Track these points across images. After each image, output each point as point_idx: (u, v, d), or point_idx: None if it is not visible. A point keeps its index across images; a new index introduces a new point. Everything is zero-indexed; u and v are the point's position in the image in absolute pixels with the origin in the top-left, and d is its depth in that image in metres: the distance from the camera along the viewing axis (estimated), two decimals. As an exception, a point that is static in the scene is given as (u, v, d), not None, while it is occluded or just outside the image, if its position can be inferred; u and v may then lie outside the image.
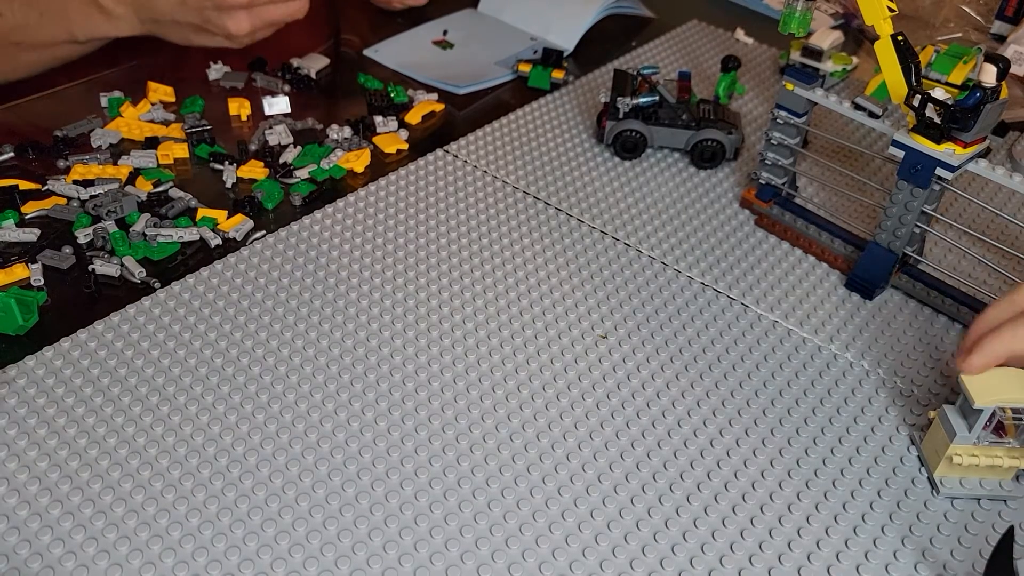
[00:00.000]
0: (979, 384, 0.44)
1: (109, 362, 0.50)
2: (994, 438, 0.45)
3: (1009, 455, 0.45)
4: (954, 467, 0.46)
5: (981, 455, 0.45)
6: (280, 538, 0.42)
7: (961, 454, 0.45)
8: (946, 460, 0.46)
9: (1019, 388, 0.44)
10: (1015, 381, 0.44)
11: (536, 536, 0.43)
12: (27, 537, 0.41)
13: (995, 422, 0.45)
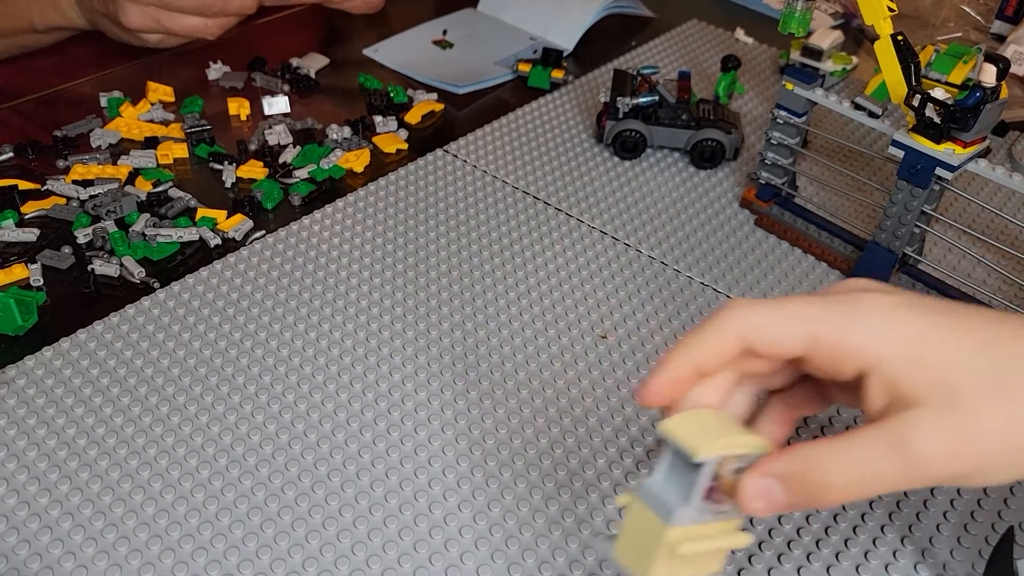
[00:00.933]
0: (689, 431, 0.32)
1: (108, 362, 0.50)
2: (711, 507, 0.32)
3: (723, 532, 0.33)
4: (674, 562, 0.32)
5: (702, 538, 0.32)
6: (280, 538, 0.42)
7: (685, 541, 0.32)
8: (664, 556, 0.32)
9: (734, 431, 0.33)
10: (720, 423, 0.33)
11: (536, 537, 0.43)
12: (26, 537, 0.41)
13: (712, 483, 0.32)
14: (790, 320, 0.32)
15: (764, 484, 0.31)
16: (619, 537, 0.33)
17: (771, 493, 0.31)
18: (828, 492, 0.31)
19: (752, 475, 0.32)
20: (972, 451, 0.30)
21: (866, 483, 0.31)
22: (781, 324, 0.32)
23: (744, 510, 0.32)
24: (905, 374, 0.31)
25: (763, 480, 0.31)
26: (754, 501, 0.31)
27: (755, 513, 0.32)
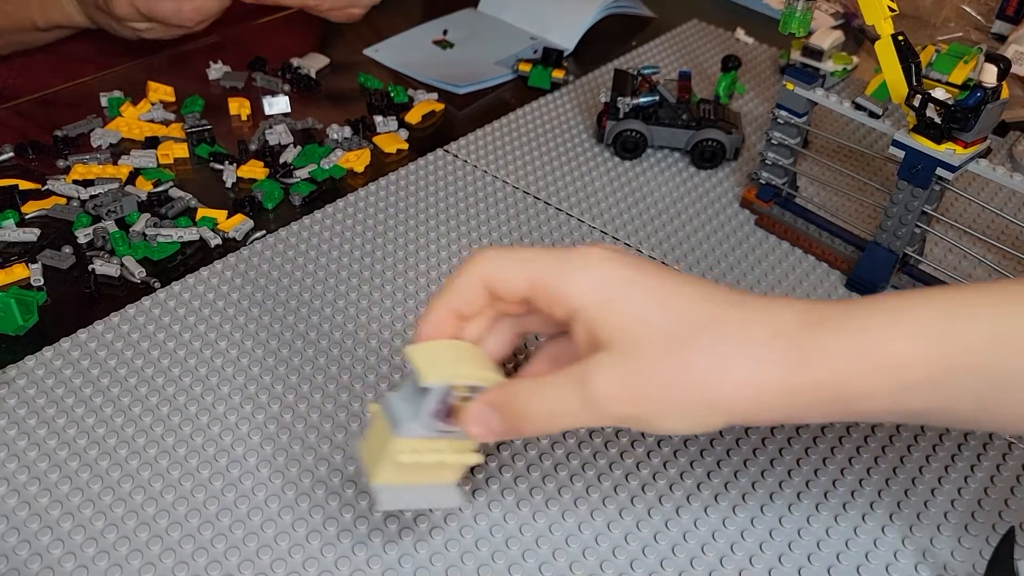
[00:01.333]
0: (428, 358, 0.36)
1: (109, 362, 0.50)
2: (443, 427, 0.37)
3: (455, 449, 0.38)
4: (398, 468, 0.37)
5: (428, 451, 0.37)
6: (280, 539, 0.42)
7: (406, 451, 0.36)
8: (388, 461, 0.37)
9: (470, 362, 0.37)
10: (463, 354, 0.38)
11: (536, 537, 0.43)
12: (27, 537, 0.41)
13: (445, 406, 0.37)
14: (518, 264, 0.36)
15: (480, 410, 0.36)
16: (363, 439, 0.38)
17: (486, 419, 0.36)
18: (527, 422, 0.35)
19: (473, 403, 0.36)
20: (643, 396, 0.33)
21: (556, 417, 0.35)
22: (511, 268, 0.36)
23: (466, 433, 0.36)
24: (599, 321, 0.34)
25: (480, 407, 0.36)
26: (472, 425, 0.36)
27: (475, 436, 0.36)
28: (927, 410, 0.33)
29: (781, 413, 0.33)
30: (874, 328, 0.32)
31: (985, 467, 0.48)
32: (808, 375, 0.32)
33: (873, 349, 0.32)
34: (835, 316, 0.33)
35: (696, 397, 0.33)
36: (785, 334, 0.33)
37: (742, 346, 0.33)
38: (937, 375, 0.32)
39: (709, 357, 0.33)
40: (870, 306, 0.33)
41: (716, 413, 0.33)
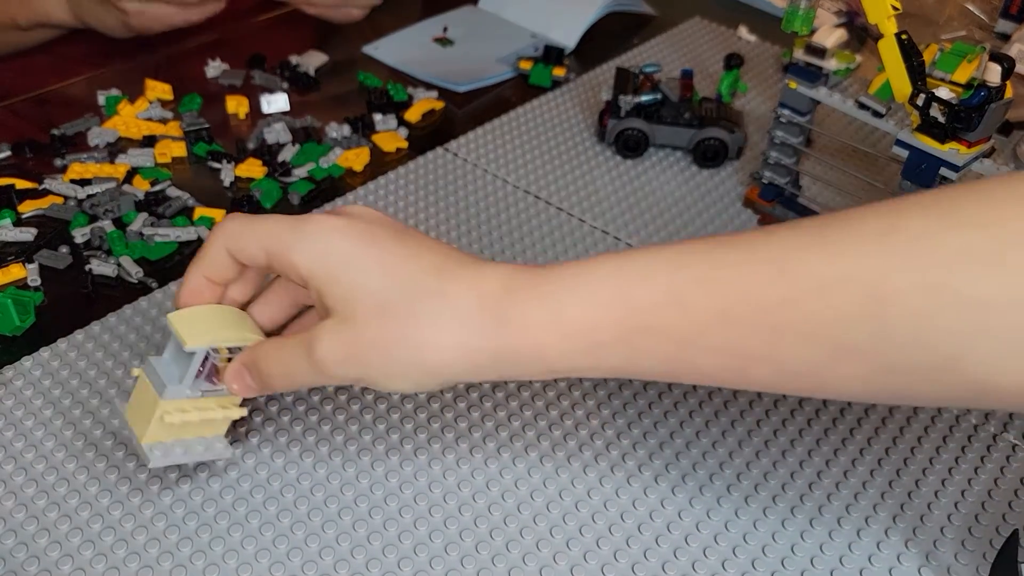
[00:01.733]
0: (189, 324, 0.40)
1: (106, 363, 0.50)
2: (208, 386, 0.40)
3: (221, 404, 0.41)
4: (166, 428, 0.40)
5: (193, 409, 0.40)
6: (279, 542, 0.42)
7: (173, 411, 0.40)
8: (156, 422, 0.40)
9: (231, 325, 0.41)
10: (225, 318, 0.41)
11: (537, 540, 0.43)
12: (24, 540, 0.41)
13: (209, 367, 0.40)
14: (255, 234, 0.39)
15: (236, 370, 0.40)
16: (129, 403, 0.42)
17: (242, 377, 0.40)
18: (271, 380, 0.39)
19: (232, 362, 0.40)
20: (361, 360, 0.36)
21: (291, 377, 0.39)
22: (248, 237, 0.39)
23: (228, 389, 0.40)
24: (325, 290, 0.37)
25: (236, 367, 0.40)
26: (231, 383, 0.40)
27: (235, 393, 0.41)
28: (625, 367, 0.36)
29: (492, 373, 0.36)
30: (559, 294, 0.35)
31: (988, 470, 0.47)
32: (507, 340, 0.35)
33: (559, 315, 0.35)
34: (530, 283, 0.36)
35: (409, 360, 0.36)
36: (487, 304, 0.35)
37: (450, 316, 0.36)
38: (619, 336, 0.34)
39: (420, 325, 0.35)
40: (559, 272, 0.36)
41: (431, 375, 0.36)
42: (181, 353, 0.40)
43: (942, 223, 0.31)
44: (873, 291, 0.31)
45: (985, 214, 0.30)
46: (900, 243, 0.31)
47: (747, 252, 0.33)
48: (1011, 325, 0.29)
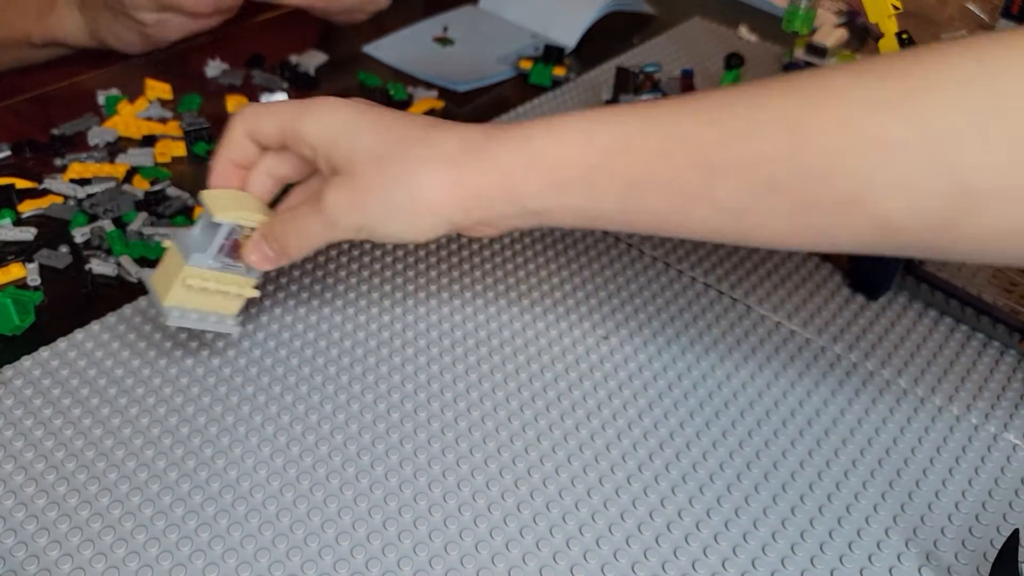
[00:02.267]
0: (218, 201, 0.45)
1: (106, 363, 0.50)
2: (230, 262, 0.45)
3: (238, 283, 0.46)
4: (187, 292, 0.45)
5: (213, 280, 0.45)
6: (278, 541, 0.42)
7: (195, 277, 0.45)
8: (179, 285, 0.45)
9: (254, 209, 0.46)
10: (250, 203, 0.46)
11: (537, 539, 0.43)
12: (24, 539, 0.41)
13: (231, 243, 0.45)
14: (269, 115, 0.44)
15: (256, 241, 0.45)
16: (156, 269, 0.46)
17: (261, 248, 0.45)
18: (287, 245, 0.44)
19: (252, 235, 0.45)
20: (365, 205, 0.41)
21: (306, 237, 0.44)
22: (264, 118, 0.44)
23: (246, 261, 0.45)
24: (331, 153, 0.42)
25: (256, 238, 0.45)
26: (251, 254, 0.45)
27: (253, 263, 0.45)
28: (587, 207, 0.40)
29: (476, 213, 0.41)
30: (536, 136, 0.39)
31: (989, 470, 0.47)
32: (488, 178, 0.40)
33: (534, 154, 0.39)
34: (511, 130, 0.40)
35: (404, 199, 0.40)
36: (469, 147, 0.40)
37: (436, 158, 0.40)
38: (584, 174, 0.39)
39: (411, 168, 0.40)
40: (540, 120, 0.40)
41: (423, 215, 0.41)
42: (209, 226, 0.45)
43: (857, 79, 0.35)
44: (789, 132, 0.35)
45: (892, 71, 0.35)
46: (818, 93, 0.35)
47: (690, 104, 0.38)
48: (908, 162, 0.34)
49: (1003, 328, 0.55)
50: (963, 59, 0.34)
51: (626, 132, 0.38)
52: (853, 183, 0.34)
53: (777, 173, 0.35)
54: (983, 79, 0.33)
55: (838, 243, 0.38)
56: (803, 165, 0.35)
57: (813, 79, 0.36)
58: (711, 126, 0.37)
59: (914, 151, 0.33)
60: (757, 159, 0.36)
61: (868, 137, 0.34)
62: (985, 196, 0.33)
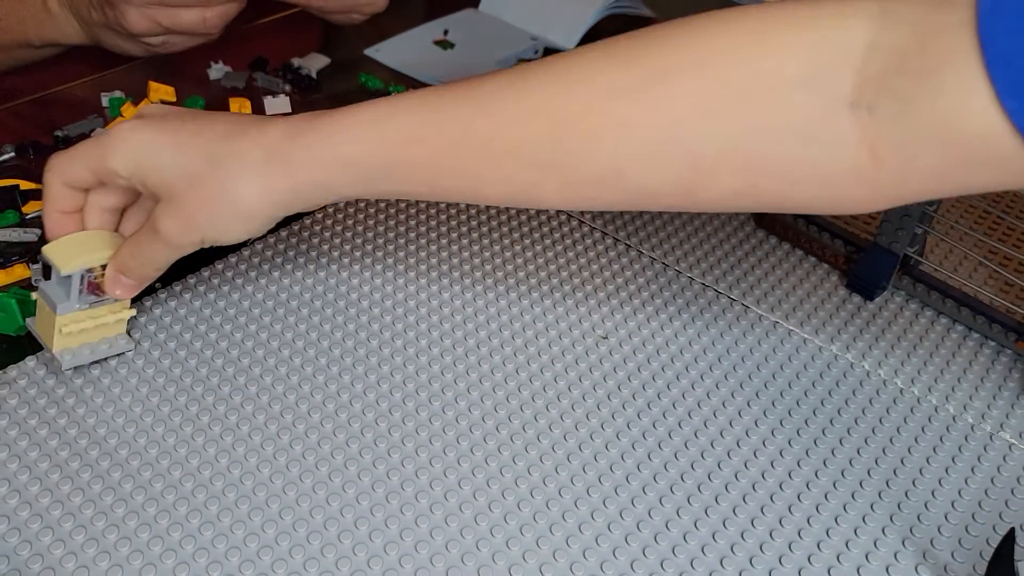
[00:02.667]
0: (62, 252, 0.47)
1: (109, 362, 0.50)
2: (94, 298, 0.48)
3: (112, 311, 0.49)
4: (68, 337, 0.48)
5: (87, 319, 0.48)
6: (281, 539, 0.42)
7: (69, 323, 0.47)
8: (58, 335, 0.47)
9: (98, 247, 0.47)
10: (94, 241, 0.48)
11: (537, 537, 0.43)
12: (28, 538, 0.42)
13: (87, 283, 0.47)
14: (78, 159, 0.46)
15: (112, 276, 0.47)
16: (36, 317, 0.49)
17: (118, 281, 0.47)
18: (142, 272, 0.47)
19: (106, 272, 0.47)
20: (193, 226, 0.44)
21: (155, 262, 0.47)
22: (74, 163, 0.46)
23: (111, 295, 0.48)
24: (144, 181, 0.44)
25: (111, 274, 0.47)
26: (113, 290, 0.48)
27: (119, 296, 0.48)
28: (396, 191, 0.44)
29: (299, 204, 0.44)
30: (333, 133, 0.42)
31: (985, 468, 0.48)
32: (297, 177, 0.43)
33: (333, 152, 0.42)
34: (309, 128, 0.43)
35: (229, 214, 0.43)
36: (273, 154, 0.43)
37: (247, 171, 0.43)
38: (383, 167, 0.42)
39: (227, 185, 0.43)
40: (332, 117, 0.43)
41: (251, 221, 0.44)
42: (62, 278, 0.47)
43: (602, 63, 0.39)
44: (551, 118, 0.40)
45: (636, 57, 0.39)
46: (571, 79, 0.40)
47: (466, 94, 0.42)
48: (649, 141, 0.38)
49: (999, 327, 0.56)
50: (695, 44, 0.38)
51: (417, 122, 0.42)
52: (609, 160, 0.39)
53: (545, 155, 0.40)
54: (711, 65, 0.37)
55: (609, 207, 0.45)
56: (566, 147, 0.40)
57: (568, 66, 0.40)
58: (487, 117, 0.41)
59: (654, 131, 0.38)
60: (528, 145, 0.40)
61: (615, 121, 0.39)
62: (714, 168, 0.38)
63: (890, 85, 0.34)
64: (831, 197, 0.38)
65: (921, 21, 0.34)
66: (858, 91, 0.35)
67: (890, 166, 0.35)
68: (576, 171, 0.40)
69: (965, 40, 0.32)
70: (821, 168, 0.37)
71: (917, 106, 0.34)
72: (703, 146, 0.38)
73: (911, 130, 0.34)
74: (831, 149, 0.36)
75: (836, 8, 0.36)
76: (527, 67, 0.41)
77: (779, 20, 0.37)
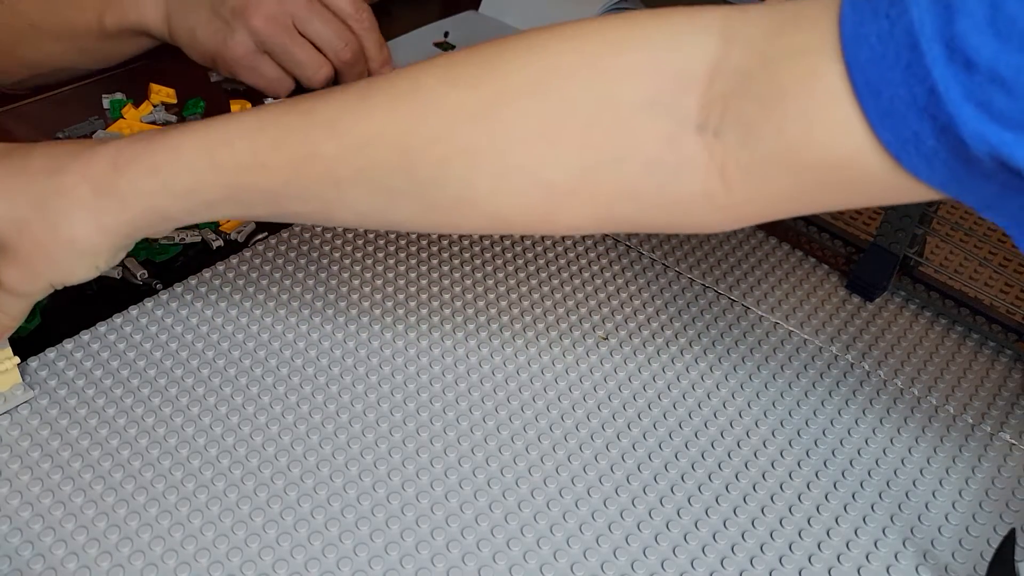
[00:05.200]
0: None
1: (112, 363, 0.50)
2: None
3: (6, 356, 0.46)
4: None
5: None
6: (282, 540, 0.42)
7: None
8: None
9: None
10: None
11: (538, 538, 0.43)
12: (30, 539, 0.42)
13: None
14: None
15: None
16: None
17: None
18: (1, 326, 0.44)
19: None
20: (35, 274, 0.42)
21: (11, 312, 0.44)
22: None
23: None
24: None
25: None
26: None
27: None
28: (242, 214, 0.43)
29: (141, 233, 0.42)
30: (161, 165, 0.39)
31: (986, 468, 0.48)
32: (132, 210, 0.40)
33: (165, 183, 0.40)
34: (136, 158, 0.40)
35: (69, 257, 0.41)
36: (101, 188, 0.40)
37: (76, 209, 0.40)
38: (224, 195, 0.40)
39: (59, 227, 0.40)
40: (161, 143, 0.40)
41: (95, 257, 0.42)
42: None
43: (447, 84, 0.37)
44: (399, 146, 0.37)
45: (479, 76, 0.37)
46: (417, 102, 0.37)
47: (309, 116, 0.39)
48: (496, 167, 0.36)
49: (999, 328, 0.56)
50: (537, 63, 0.36)
51: (256, 147, 0.39)
52: (460, 187, 0.37)
53: (395, 182, 0.38)
54: (553, 88, 0.36)
55: (471, 231, 0.42)
56: (417, 175, 0.37)
57: (415, 85, 0.37)
58: (331, 141, 0.38)
59: (499, 157, 0.36)
60: (375, 170, 0.38)
61: (462, 148, 0.36)
62: (566, 195, 0.36)
63: (735, 109, 0.33)
64: (686, 221, 0.37)
65: (765, 43, 0.33)
66: (704, 113, 0.34)
67: (740, 190, 0.34)
68: (429, 198, 0.38)
69: (817, 65, 0.31)
70: (672, 194, 0.35)
71: (764, 132, 0.33)
72: (551, 173, 0.36)
73: (759, 155, 0.33)
74: (679, 174, 0.35)
75: (678, 27, 0.35)
76: (371, 84, 0.39)
77: (622, 39, 0.35)
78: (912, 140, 0.30)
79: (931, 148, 0.29)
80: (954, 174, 0.30)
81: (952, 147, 0.29)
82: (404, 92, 0.38)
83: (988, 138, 0.28)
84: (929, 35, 0.28)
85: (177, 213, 0.41)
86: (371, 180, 0.38)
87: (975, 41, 0.27)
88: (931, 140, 0.29)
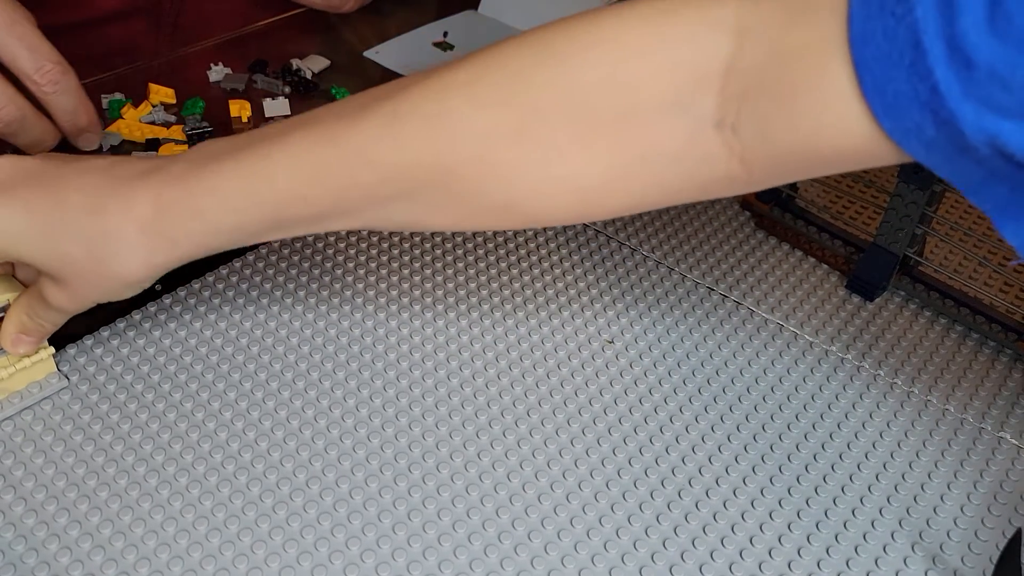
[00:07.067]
0: None
1: (115, 368, 0.50)
2: None
3: (11, 362, 0.47)
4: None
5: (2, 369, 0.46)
6: (288, 546, 0.42)
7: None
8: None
9: None
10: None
11: (545, 543, 0.43)
12: (34, 545, 0.41)
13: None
14: None
15: (14, 337, 0.46)
16: None
17: (21, 340, 0.47)
18: (41, 332, 0.47)
19: (3, 327, 0.46)
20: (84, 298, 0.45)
21: (49, 322, 0.46)
22: None
23: (13, 354, 0.47)
24: (21, 259, 0.43)
25: (12, 331, 0.46)
26: (14, 348, 0.47)
27: (20, 354, 0.47)
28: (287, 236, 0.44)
29: (186, 260, 0.44)
30: (205, 211, 0.41)
31: (994, 472, 0.48)
32: (181, 248, 0.43)
33: (211, 224, 0.42)
34: (178, 203, 0.41)
35: (119, 285, 0.44)
36: (148, 229, 0.41)
37: (123, 247, 0.42)
38: (269, 226, 0.42)
39: (108, 264, 0.42)
40: (200, 185, 0.41)
41: (145, 282, 0.45)
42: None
43: (476, 106, 0.38)
44: (437, 168, 0.39)
45: (507, 97, 0.38)
46: (449, 127, 0.39)
47: (338, 147, 0.40)
48: (537, 177, 0.39)
49: (999, 328, 0.56)
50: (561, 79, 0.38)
51: (293, 186, 0.40)
52: (499, 197, 0.40)
53: (437, 198, 0.40)
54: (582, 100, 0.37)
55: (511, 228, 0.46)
56: (456, 190, 0.40)
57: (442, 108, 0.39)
58: (367, 171, 0.40)
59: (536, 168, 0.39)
60: (416, 191, 0.40)
61: (499, 165, 0.39)
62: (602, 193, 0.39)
63: (750, 106, 0.35)
64: (712, 196, 0.40)
65: (779, 40, 0.34)
66: (721, 112, 0.36)
67: (759, 172, 0.37)
68: (469, 207, 0.40)
69: (826, 63, 0.32)
70: (697, 180, 0.38)
71: (778, 127, 0.35)
72: (587, 178, 0.38)
73: (775, 148, 0.35)
74: (702, 164, 0.37)
75: (693, 25, 0.36)
76: (394, 106, 0.40)
77: (640, 43, 0.37)
78: (914, 131, 0.31)
79: (931, 137, 0.31)
80: (948, 159, 0.32)
81: (950, 137, 0.31)
82: (433, 116, 0.39)
83: (987, 128, 0.29)
84: (932, 34, 0.29)
85: (223, 245, 0.43)
86: (411, 198, 0.40)
87: (974, 39, 0.28)
88: (931, 131, 0.31)
